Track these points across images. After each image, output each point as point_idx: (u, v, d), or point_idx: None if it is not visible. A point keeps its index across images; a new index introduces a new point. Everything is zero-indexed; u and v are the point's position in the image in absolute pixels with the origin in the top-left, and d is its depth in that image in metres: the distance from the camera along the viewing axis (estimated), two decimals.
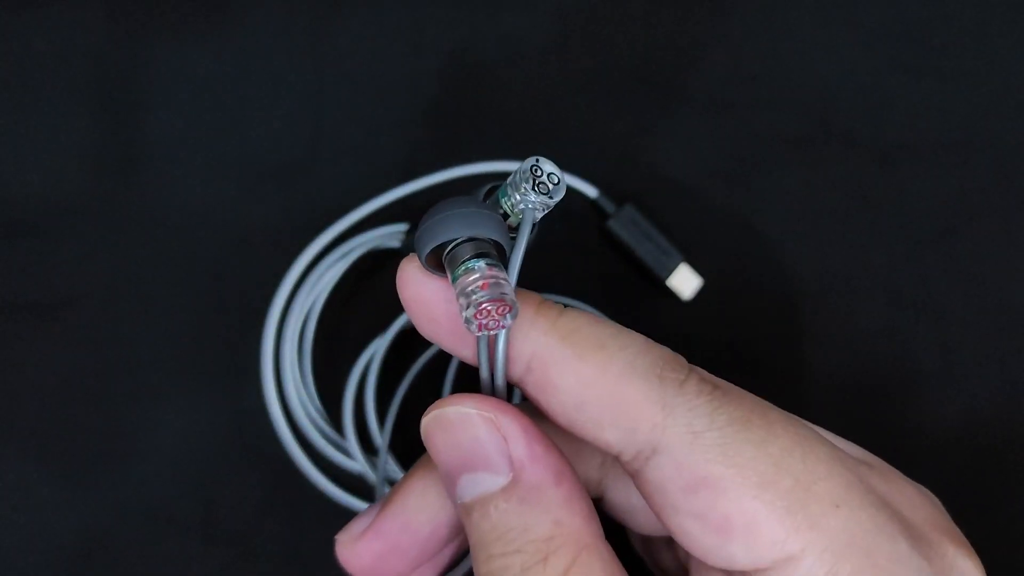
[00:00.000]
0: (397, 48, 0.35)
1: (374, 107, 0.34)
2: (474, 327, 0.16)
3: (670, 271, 0.32)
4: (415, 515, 0.19)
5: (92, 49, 0.35)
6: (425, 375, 0.31)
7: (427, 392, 0.32)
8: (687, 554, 0.17)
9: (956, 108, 0.35)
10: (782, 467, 0.16)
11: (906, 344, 0.33)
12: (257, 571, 0.31)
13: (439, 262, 0.17)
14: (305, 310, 0.32)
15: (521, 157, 0.33)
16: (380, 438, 0.31)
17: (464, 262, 0.16)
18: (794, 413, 0.32)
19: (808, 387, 0.33)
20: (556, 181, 0.17)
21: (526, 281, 0.17)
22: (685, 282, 0.32)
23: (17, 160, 0.34)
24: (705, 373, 0.17)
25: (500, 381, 0.17)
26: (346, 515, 0.28)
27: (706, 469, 0.16)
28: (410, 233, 0.32)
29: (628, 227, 0.32)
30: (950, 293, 0.33)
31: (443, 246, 0.16)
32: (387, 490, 0.31)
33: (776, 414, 0.17)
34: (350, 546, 0.20)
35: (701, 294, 0.33)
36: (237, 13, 0.35)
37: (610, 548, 0.17)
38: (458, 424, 0.17)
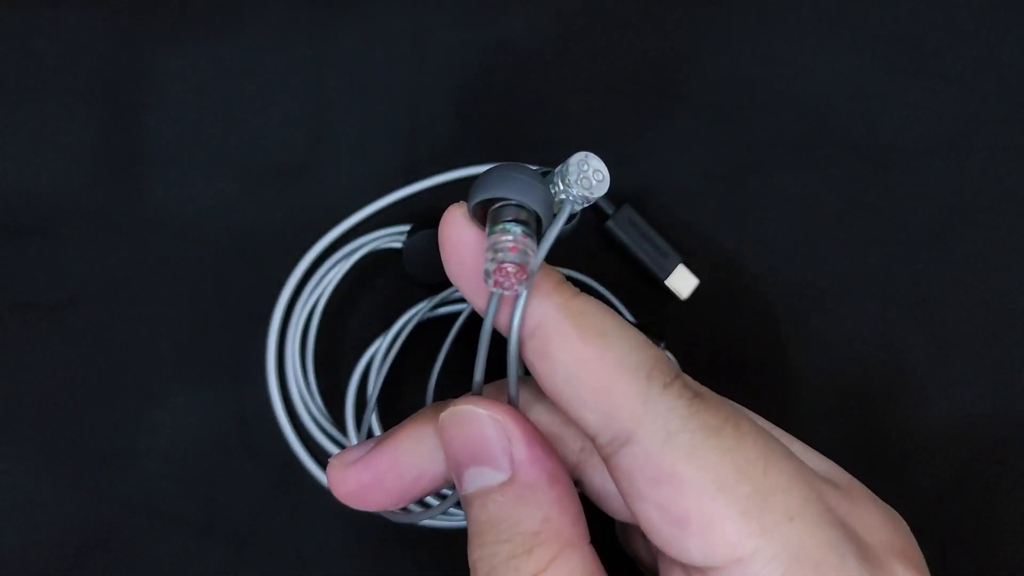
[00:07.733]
0: (397, 50, 0.35)
1: (375, 109, 0.35)
2: (490, 282, 0.17)
3: (668, 271, 0.33)
4: (405, 457, 0.21)
5: (94, 50, 0.35)
6: (422, 368, 0.32)
7: (421, 383, 0.32)
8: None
9: (951, 111, 0.35)
10: (743, 475, 0.17)
11: (900, 345, 0.33)
12: (258, 570, 0.31)
13: (485, 215, 0.18)
14: (308, 310, 0.32)
15: (521, 159, 0.33)
16: (377, 428, 0.31)
17: (504, 222, 0.17)
18: (787, 413, 0.33)
19: (802, 387, 0.33)
20: (600, 178, 0.18)
21: None
22: (683, 282, 0.33)
23: (19, 161, 0.34)
24: (691, 381, 0.18)
25: (513, 345, 0.18)
26: (347, 514, 0.28)
27: (672, 466, 0.17)
28: (411, 234, 0.32)
29: (626, 228, 0.33)
30: (944, 295, 0.34)
31: (492, 200, 0.17)
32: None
33: (749, 425, 0.18)
34: (341, 470, 0.21)
35: (698, 294, 0.33)
36: (239, 15, 0.35)
37: (594, 551, 0.19)
38: (470, 421, 0.19)
